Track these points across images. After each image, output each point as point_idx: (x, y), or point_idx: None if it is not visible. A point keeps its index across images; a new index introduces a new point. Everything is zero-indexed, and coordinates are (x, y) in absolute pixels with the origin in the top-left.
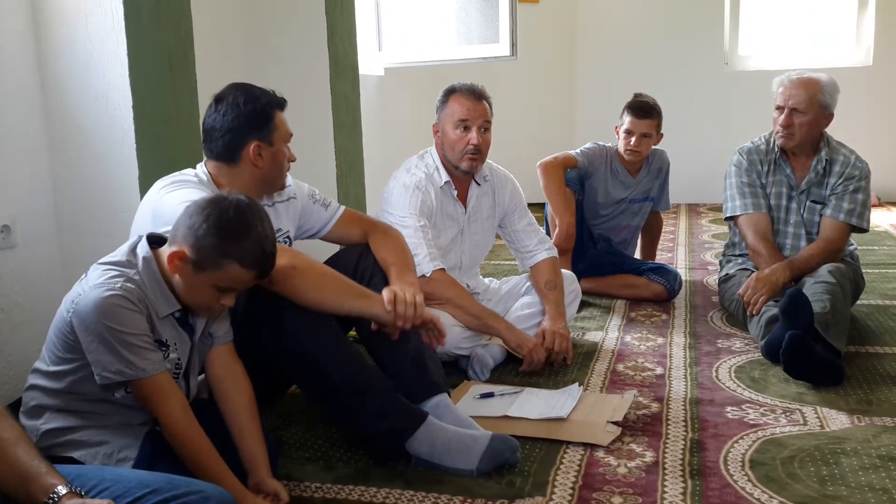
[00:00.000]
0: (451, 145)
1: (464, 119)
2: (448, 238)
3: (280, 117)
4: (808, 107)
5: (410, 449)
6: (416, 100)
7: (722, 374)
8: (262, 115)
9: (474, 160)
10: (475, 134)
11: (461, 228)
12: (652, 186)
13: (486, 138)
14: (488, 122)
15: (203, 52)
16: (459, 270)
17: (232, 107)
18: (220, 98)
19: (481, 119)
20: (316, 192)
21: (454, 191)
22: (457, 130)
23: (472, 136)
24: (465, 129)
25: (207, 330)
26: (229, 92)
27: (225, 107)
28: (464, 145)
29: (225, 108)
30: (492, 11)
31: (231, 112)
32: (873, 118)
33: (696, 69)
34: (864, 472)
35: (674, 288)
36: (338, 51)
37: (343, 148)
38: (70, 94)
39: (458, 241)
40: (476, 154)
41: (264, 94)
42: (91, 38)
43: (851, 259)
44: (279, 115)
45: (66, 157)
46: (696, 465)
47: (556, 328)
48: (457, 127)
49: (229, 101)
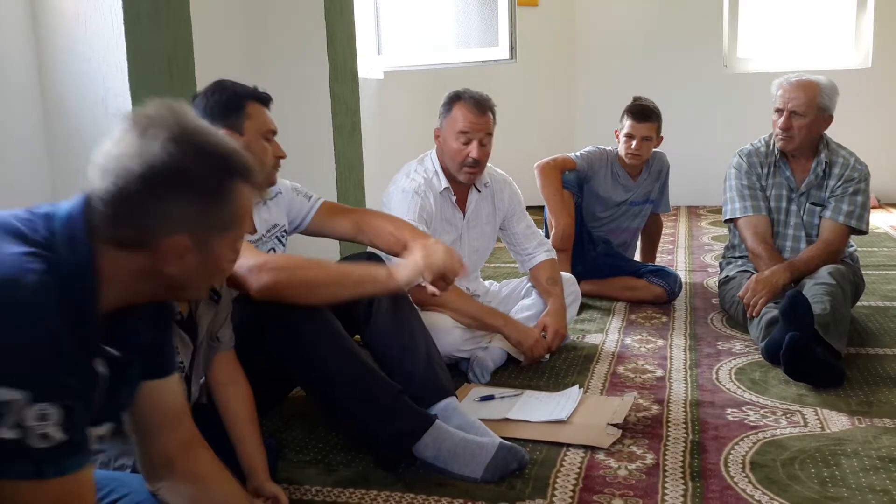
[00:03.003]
0: (450, 155)
1: (465, 131)
2: (446, 242)
3: (256, 109)
4: (807, 109)
5: (417, 453)
6: (416, 103)
7: (722, 375)
8: (230, 104)
9: (472, 173)
10: (475, 147)
11: (459, 234)
12: (652, 189)
13: (485, 151)
14: (489, 134)
15: (203, 57)
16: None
17: (202, 98)
18: (197, 94)
19: (483, 132)
20: (299, 186)
21: (453, 196)
22: (457, 141)
23: (472, 148)
24: (465, 141)
25: (214, 334)
26: (206, 87)
27: (198, 100)
28: (463, 157)
29: (198, 101)
30: (491, 15)
31: (202, 103)
32: (873, 120)
33: (695, 72)
34: (865, 474)
35: (674, 290)
36: (337, 55)
37: (342, 151)
38: (69, 100)
39: (457, 247)
40: (474, 167)
41: (238, 86)
42: (90, 43)
43: (851, 260)
44: (254, 107)
45: (65, 162)
46: (696, 468)
47: (557, 326)
48: (457, 138)
49: (203, 94)
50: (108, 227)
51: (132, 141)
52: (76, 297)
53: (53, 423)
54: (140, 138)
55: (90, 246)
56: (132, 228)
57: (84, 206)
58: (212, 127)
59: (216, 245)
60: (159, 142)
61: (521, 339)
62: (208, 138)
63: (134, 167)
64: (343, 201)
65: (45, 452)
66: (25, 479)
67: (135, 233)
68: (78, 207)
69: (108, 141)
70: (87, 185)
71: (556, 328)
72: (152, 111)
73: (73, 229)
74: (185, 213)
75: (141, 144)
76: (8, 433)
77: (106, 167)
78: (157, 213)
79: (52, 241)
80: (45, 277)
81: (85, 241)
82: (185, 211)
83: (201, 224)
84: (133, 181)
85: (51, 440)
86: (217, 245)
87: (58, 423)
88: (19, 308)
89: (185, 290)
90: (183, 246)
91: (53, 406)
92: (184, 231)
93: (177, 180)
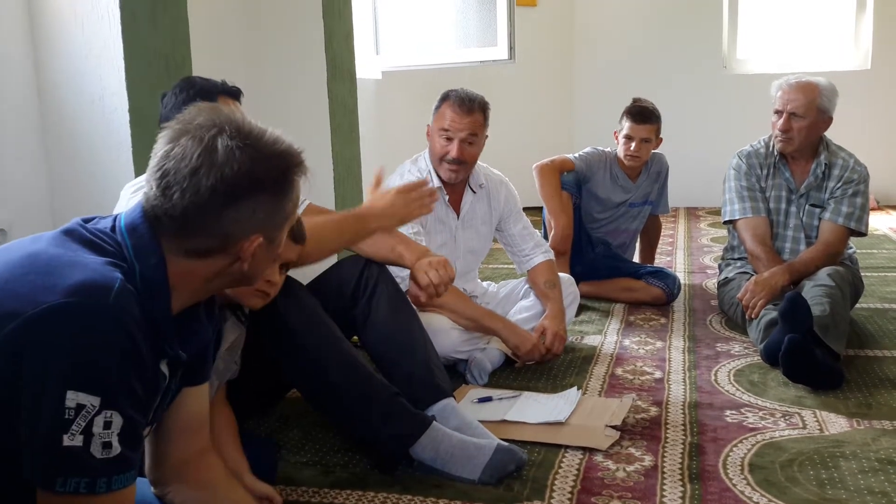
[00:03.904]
0: (433, 151)
1: (446, 129)
2: (438, 242)
3: (226, 103)
4: (806, 111)
5: (414, 454)
6: (414, 103)
7: (721, 377)
8: (194, 99)
9: (453, 171)
10: (455, 146)
11: (453, 235)
12: (651, 190)
13: (470, 151)
14: (475, 135)
15: (200, 56)
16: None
17: (171, 95)
18: (165, 92)
19: (465, 132)
20: None
21: (446, 196)
22: (440, 138)
23: (452, 147)
24: (447, 138)
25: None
26: (175, 84)
27: (167, 97)
28: (442, 154)
29: (167, 99)
30: (490, 15)
31: (171, 101)
32: (872, 121)
33: (694, 73)
34: (864, 476)
35: (673, 291)
36: (335, 55)
37: (340, 152)
38: (66, 99)
39: (451, 247)
40: (455, 166)
41: (207, 82)
42: (87, 42)
43: (850, 262)
44: (224, 101)
45: (62, 162)
46: (695, 469)
47: (557, 329)
48: (440, 135)
49: (172, 91)
50: (179, 239)
51: (192, 152)
52: (151, 305)
53: (115, 433)
54: (199, 147)
55: (160, 256)
56: (207, 238)
57: (146, 219)
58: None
59: (280, 235)
60: (223, 150)
61: (518, 343)
62: (266, 138)
63: (202, 180)
64: (341, 201)
65: (103, 465)
66: (77, 494)
67: (210, 242)
68: (139, 218)
69: (159, 152)
70: (145, 199)
71: (556, 331)
72: (202, 118)
73: (140, 241)
74: (258, 214)
75: (203, 154)
76: (75, 440)
77: (169, 182)
78: (231, 220)
79: (123, 253)
80: (125, 285)
81: (154, 252)
82: (257, 213)
83: (272, 221)
84: (204, 194)
85: (111, 450)
86: (280, 234)
87: (118, 434)
88: (106, 314)
89: (250, 280)
90: (256, 244)
91: (118, 415)
92: (258, 231)
93: (249, 187)
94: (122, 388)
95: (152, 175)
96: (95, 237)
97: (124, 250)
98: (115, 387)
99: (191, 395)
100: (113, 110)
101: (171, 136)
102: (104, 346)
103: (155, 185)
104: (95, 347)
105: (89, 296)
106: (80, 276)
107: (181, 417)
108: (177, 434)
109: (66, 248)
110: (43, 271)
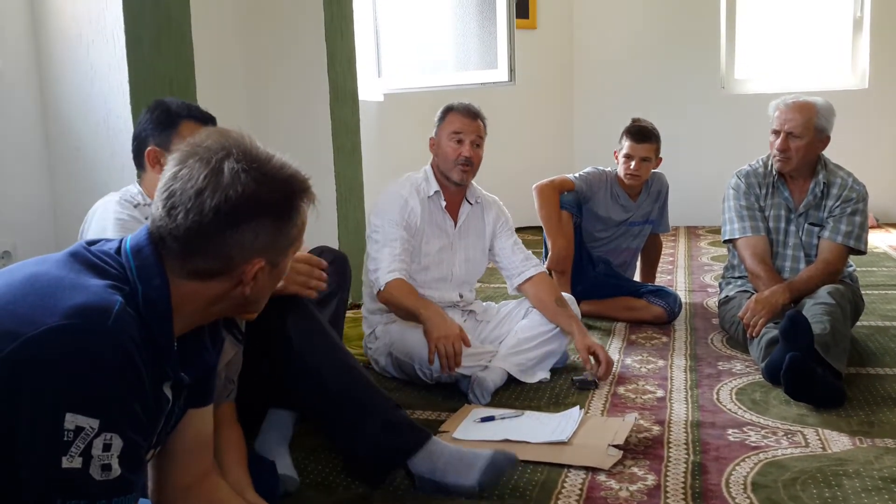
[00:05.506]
0: (444, 156)
1: (458, 132)
2: (436, 247)
3: (189, 127)
4: (804, 131)
5: (412, 467)
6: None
7: (723, 396)
8: (164, 121)
9: (465, 172)
10: (467, 146)
11: (451, 241)
12: (651, 209)
13: (477, 153)
14: (481, 138)
15: (204, 79)
16: (450, 282)
17: (144, 114)
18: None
19: (474, 134)
20: None
21: (443, 202)
22: (451, 142)
23: (465, 148)
24: (458, 141)
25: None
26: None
27: (141, 116)
28: (456, 156)
29: (141, 117)
30: (490, 37)
31: (143, 119)
32: (870, 140)
33: (692, 93)
34: (867, 494)
35: (674, 310)
36: (338, 77)
37: (343, 173)
38: (71, 121)
39: (448, 253)
40: (467, 165)
41: (176, 105)
42: (93, 65)
43: (850, 280)
44: (188, 125)
45: (66, 183)
46: (697, 489)
47: (594, 344)
48: (451, 139)
49: (146, 111)
50: (182, 260)
51: (198, 173)
52: (152, 327)
53: (115, 455)
54: (206, 170)
55: (163, 278)
56: (209, 260)
57: (151, 241)
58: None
59: (284, 261)
60: (228, 173)
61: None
62: (273, 163)
63: (206, 201)
64: (343, 222)
65: (102, 487)
66: None
67: (211, 264)
68: (145, 241)
69: (167, 174)
70: (151, 220)
71: (607, 358)
72: (211, 141)
73: (144, 263)
74: (261, 238)
75: (209, 177)
76: (74, 462)
77: (174, 202)
78: (234, 243)
79: (126, 275)
80: (126, 308)
81: (158, 273)
82: (260, 237)
83: (275, 246)
84: (207, 215)
85: (111, 472)
86: (284, 260)
87: (118, 456)
88: (105, 336)
89: (253, 305)
90: (258, 268)
91: (118, 437)
92: (260, 254)
93: (252, 210)
94: (121, 411)
95: (159, 196)
96: (99, 260)
97: (128, 272)
98: (114, 409)
99: (195, 417)
100: (118, 132)
101: (179, 157)
102: (103, 369)
103: (161, 205)
104: (94, 369)
105: (89, 318)
106: (80, 299)
107: (186, 439)
108: (181, 456)
109: (68, 271)
110: (43, 293)
